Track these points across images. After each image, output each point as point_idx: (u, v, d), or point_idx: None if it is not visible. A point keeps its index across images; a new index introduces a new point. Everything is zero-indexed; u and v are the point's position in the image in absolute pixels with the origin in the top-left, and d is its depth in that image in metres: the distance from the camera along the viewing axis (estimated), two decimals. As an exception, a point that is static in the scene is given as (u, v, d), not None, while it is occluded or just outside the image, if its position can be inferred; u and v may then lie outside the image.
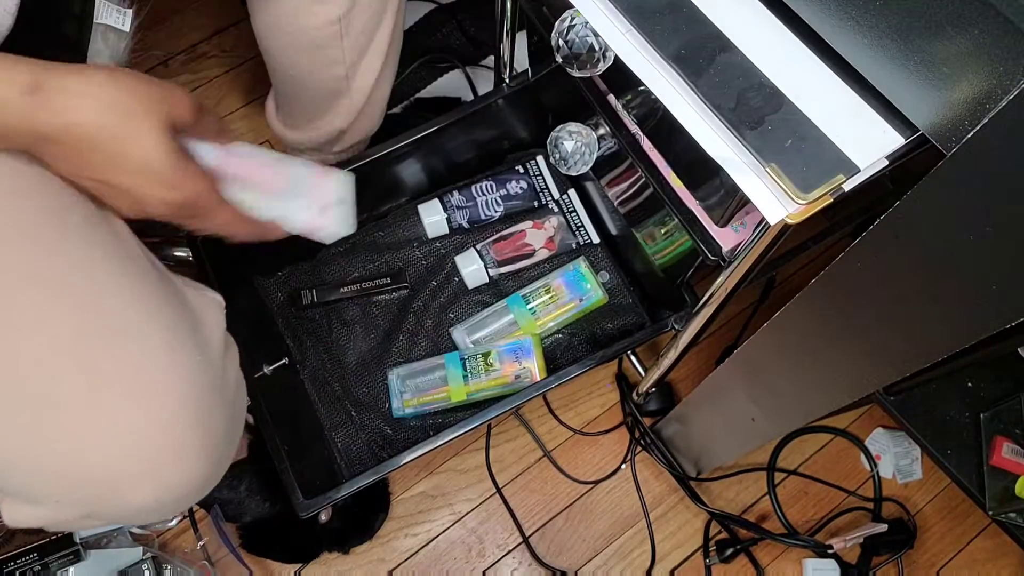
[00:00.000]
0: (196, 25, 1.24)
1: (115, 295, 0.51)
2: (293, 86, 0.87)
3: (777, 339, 0.62)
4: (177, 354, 0.52)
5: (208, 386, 0.53)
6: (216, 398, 0.54)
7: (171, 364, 0.51)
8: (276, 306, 0.98)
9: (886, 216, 0.43)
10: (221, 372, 0.57)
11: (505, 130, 1.03)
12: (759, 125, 0.50)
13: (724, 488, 1.02)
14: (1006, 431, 0.83)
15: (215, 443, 0.53)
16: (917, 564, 1.01)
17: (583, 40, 0.60)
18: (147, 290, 0.53)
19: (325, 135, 0.92)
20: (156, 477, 0.50)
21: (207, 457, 0.52)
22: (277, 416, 0.83)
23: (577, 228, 1.01)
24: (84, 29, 0.60)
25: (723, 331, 1.10)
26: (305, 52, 0.80)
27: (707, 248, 0.66)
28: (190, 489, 0.52)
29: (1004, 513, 0.81)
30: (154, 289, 0.54)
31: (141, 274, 0.54)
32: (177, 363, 0.51)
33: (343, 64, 0.82)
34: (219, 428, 0.54)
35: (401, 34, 0.88)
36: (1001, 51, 0.38)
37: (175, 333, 0.53)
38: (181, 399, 0.51)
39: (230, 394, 0.58)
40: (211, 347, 0.57)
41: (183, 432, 0.51)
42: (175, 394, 0.50)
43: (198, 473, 0.52)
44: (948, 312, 0.44)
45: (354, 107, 0.88)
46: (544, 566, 0.98)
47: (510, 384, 0.90)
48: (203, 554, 0.93)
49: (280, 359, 0.92)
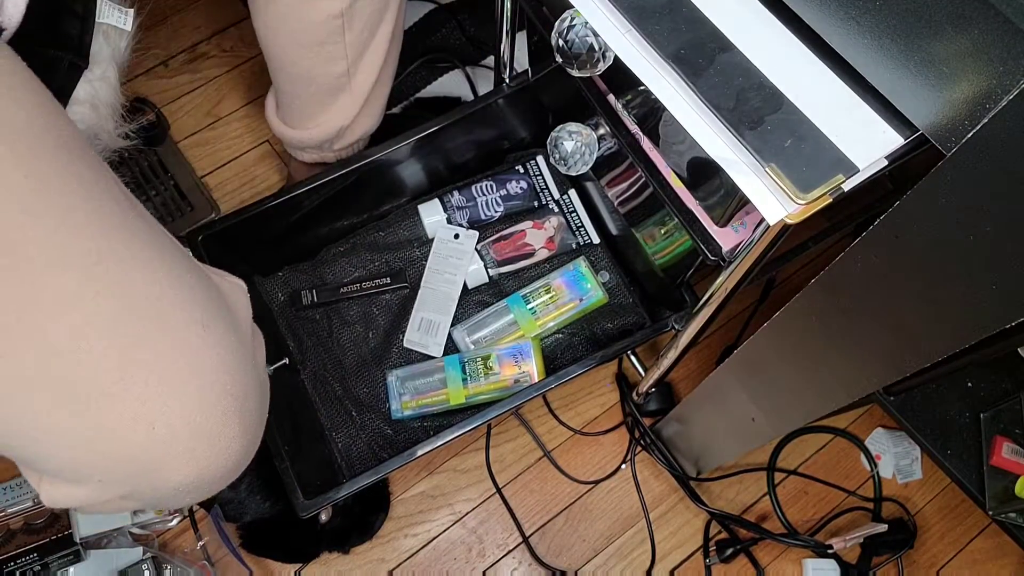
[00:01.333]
0: (196, 25, 1.24)
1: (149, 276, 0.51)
2: (294, 84, 0.87)
3: (777, 339, 0.62)
4: (211, 334, 0.52)
5: (242, 365, 0.54)
6: (249, 378, 0.55)
7: (206, 344, 0.51)
8: (276, 306, 0.98)
9: (886, 216, 0.43)
10: (252, 353, 0.57)
11: (505, 130, 1.03)
12: (758, 125, 0.50)
13: (724, 488, 1.02)
14: (1006, 431, 0.83)
15: (250, 420, 0.54)
16: (917, 564, 1.01)
17: (583, 40, 0.60)
18: (178, 271, 0.53)
19: (326, 133, 0.92)
20: (196, 455, 0.51)
21: (243, 434, 0.53)
22: (278, 416, 0.83)
23: (577, 228, 1.01)
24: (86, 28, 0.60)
25: (723, 331, 1.10)
26: (307, 48, 0.80)
27: (707, 248, 0.66)
28: (229, 466, 0.53)
29: (1004, 513, 0.81)
30: (185, 270, 0.54)
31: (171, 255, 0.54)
32: (212, 343, 0.52)
33: (345, 60, 0.82)
34: (252, 407, 0.54)
35: (402, 30, 0.88)
36: (1001, 51, 0.38)
37: (208, 313, 0.53)
38: (218, 378, 0.51)
39: (260, 374, 0.58)
40: (242, 329, 0.58)
41: (221, 410, 0.51)
42: (212, 373, 0.51)
43: (236, 451, 0.53)
44: (948, 312, 0.44)
45: (355, 104, 0.88)
46: (544, 566, 0.98)
47: (509, 388, 0.90)
48: (203, 554, 0.93)
49: (281, 359, 0.92)
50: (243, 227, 0.91)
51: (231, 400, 0.52)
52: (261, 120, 1.18)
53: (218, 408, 0.51)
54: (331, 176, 0.91)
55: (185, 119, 1.18)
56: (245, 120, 1.19)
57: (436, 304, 0.96)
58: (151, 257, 0.52)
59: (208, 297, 0.55)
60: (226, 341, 0.53)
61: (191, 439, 0.50)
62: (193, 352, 0.51)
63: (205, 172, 1.15)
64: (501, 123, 1.01)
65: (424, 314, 0.96)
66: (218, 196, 1.13)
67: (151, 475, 0.50)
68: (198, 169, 1.15)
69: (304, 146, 0.96)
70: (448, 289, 0.97)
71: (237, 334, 0.55)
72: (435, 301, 0.96)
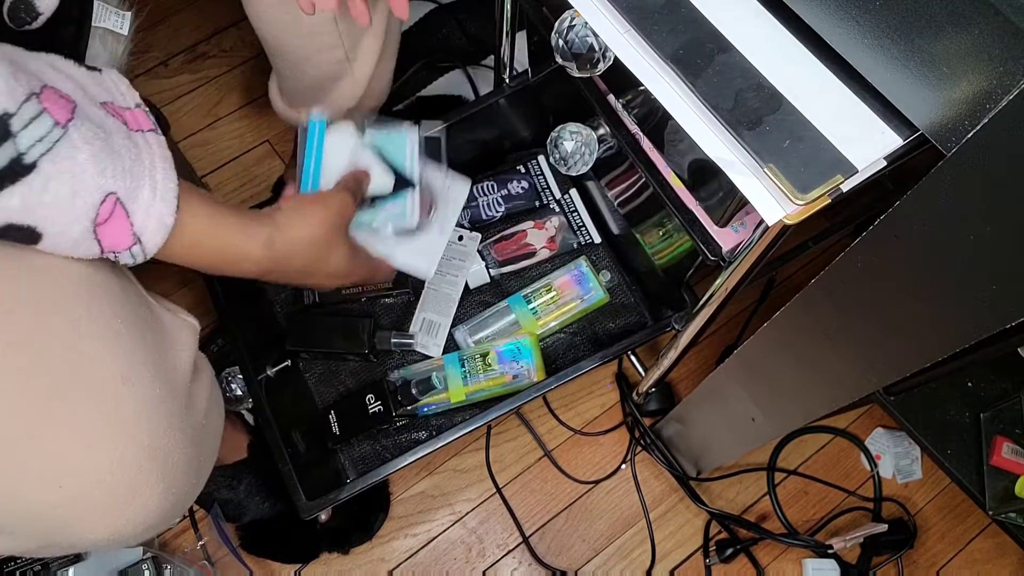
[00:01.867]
0: (196, 25, 1.24)
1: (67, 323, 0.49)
2: (294, 70, 0.86)
3: (777, 339, 0.62)
4: (133, 388, 0.50)
5: (167, 420, 0.52)
6: (175, 431, 0.53)
7: (126, 399, 0.50)
8: (279, 307, 0.98)
9: (886, 216, 0.43)
10: (184, 402, 0.56)
11: (506, 130, 1.03)
12: (757, 126, 0.50)
13: (724, 488, 1.02)
14: (1006, 431, 0.83)
15: (174, 476, 0.52)
16: (917, 564, 1.01)
17: (583, 40, 0.60)
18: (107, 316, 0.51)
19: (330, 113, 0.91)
20: (109, 514, 0.49)
21: (165, 491, 0.51)
22: (280, 418, 0.83)
23: (578, 228, 1.01)
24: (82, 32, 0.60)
25: (723, 331, 1.10)
26: (301, 38, 0.79)
27: (707, 248, 0.66)
28: (149, 523, 0.52)
29: (1004, 513, 0.81)
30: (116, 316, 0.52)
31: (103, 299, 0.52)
32: (132, 397, 0.50)
33: (341, 47, 0.81)
34: (179, 462, 0.53)
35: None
36: (1001, 51, 0.38)
37: (133, 364, 0.51)
38: (135, 436, 0.50)
39: (196, 422, 0.57)
40: (177, 374, 0.56)
41: (137, 470, 0.49)
42: (128, 431, 0.49)
43: (155, 508, 0.51)
44: (948, 312, 0.44)
45: (358, 86, 0.87)
46: (544, 566, 0.98)
47: (509, 384, 0.90)
48: (203, 554, 0.93)
49: (283, 361, 0.92)
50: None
51: (149, 459, 0.50)
52: (261, 120, 1.18)
53: (133, 466, 0.49)
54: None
55: (185, 119, 1.18)
56: (245, 120, 1.19)
57: (437, 305, 0.96)
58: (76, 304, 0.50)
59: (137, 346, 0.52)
60: (150, 394, 0.51)
61: (102, 498, 0.49)
62: (108, 407, 0.49)
63: (205, 172, 1.15)
64: (502, 123, 1.01)
65: (426, 315, 0.96)
66: (218, 196, 1.13)
67: (63, 531, 0.49)
68: (198, 169, 1.15)
69: None
70: (449, 290, 0.96)
71: (167, 385, 0.54)
72: (436, 302, 0.96)
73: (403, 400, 0.89)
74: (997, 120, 0.36)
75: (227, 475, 0.91)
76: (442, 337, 0.95)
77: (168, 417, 0.52)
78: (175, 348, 0.57)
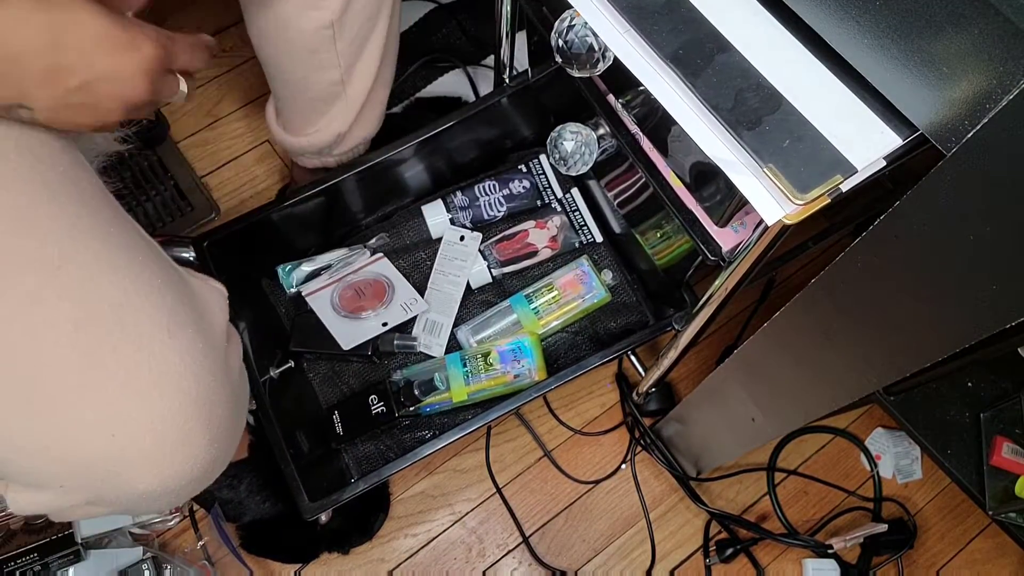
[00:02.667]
0: (196, 25, 1.24)
1: (114, 280, 0.50)
2: (290, 90, 0.87)
3: (777, 339, 0.62)
4: (177, 340, 0.52)
5: (210, 373, 0.53)
6: (218, 385, 0.54)
7: (171, 350, 0.51)
8: (283, 308, 0.98)
9: (886, 216, 0.43)
10: (223, 359, 0.57)
11: (508, 129, 1.03)
12: (757, 125, 0.50)
13: (724, 488, 1.02)
14: (1006, 431, 0.83)
15: (218, 429, 0.53)
16: (917, 564, 1.01)
17: (583, 40, 0.60)
18: (148, 275, 0.53)
19: (323, 140, 0.92)
20: (159, 463, 0.50)
21: (210, 443, 0.52)
22: (283, 419, 0.83)
23: (580, 227, 1.01)
24: None
25: (723, 331, 1.10)
26: (299, 56, 0.80)
27: (707, 248, 0.66)
28: (194, 475, 0.52)
29: (1004, 513, 0.81)
30: (155, 274, 0.53)
31: (142, 258, 0.53)
32: (178, 349, 0.51)
33: (338, 68, 0.82)
34: (222, 414, 0.54)
35: (397, 38, 0.88)
36: (1001, 51, 0.38)
37: (176, 319, 0.52)
38: (182, 385, 0.51)
39: (233, 381, 0.58)
40: (214, 334, 0.57)
41: (185, 418, 0.51)
42: (175, 380, 0.50)
43: (202, 459, 0.52)
44: (948, 312, 0.44)
45: (351, 110, 0.88)
46: (544, 566, 0.98)
47: (510, 384, 0.90)
48: (203, 554, 0.93)
49: (286, 362, 0.92)
50: (248, 232, 0.91)
51: (196, 408, 0.51)
52: (261, 120, 1.18)
53: (181, 416, 0.50)
54: (335, 179, 0.91)
55: (185, 119, 1.18)
56: (245, 120, 1.19)
57: (440, 305, 0.96)
58: (117, 262, 0.51)
59: (177, 302, 0.54)
60: (193, 348, 0.52)
61: (153, 447, 0.49)
62: (156, 359, 0.50)
63: (205, 172, 1.15)
64: (504, 123, 1.01)
65: (428, 315, 0.96)
66: (218, 196, 1.13)
67: (113, 482, 0.50)
68: (198, 169, 1.15)
69: (304, 152, 0.96)
70: (451, 290, 0.97)
71: (207, 340, 0.54)
72: (439, 302, 0.96)
73: (406, 401, 0.89)
74: (997, 120, 0.36)
75: (228, 475, 0.91)
76: (444, 337, 0.95)
77: (212, 370, 0.54)
78: (210, 309, 0.58)
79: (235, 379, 0.59)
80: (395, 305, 0.93)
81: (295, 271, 0.96)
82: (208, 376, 0.53)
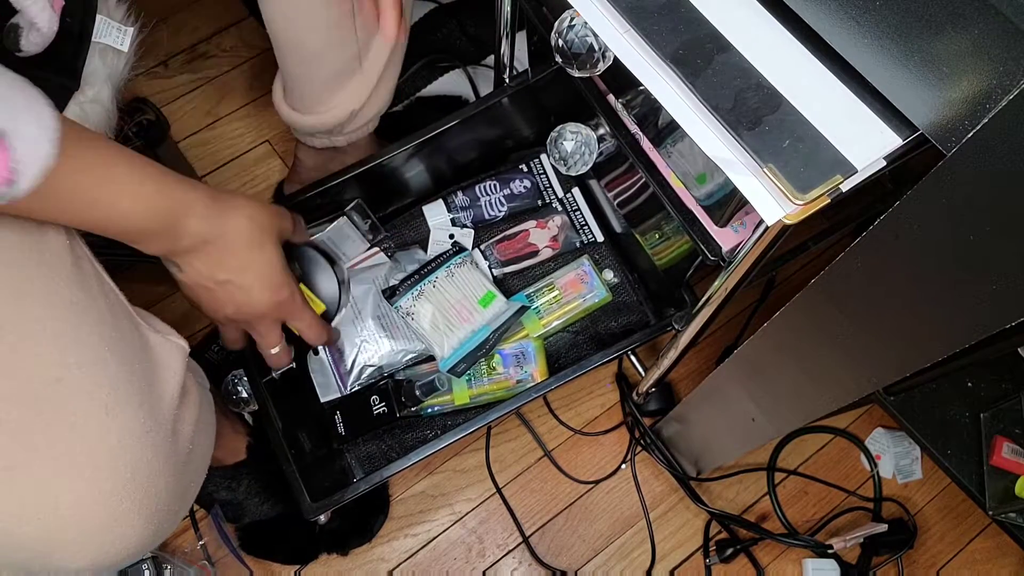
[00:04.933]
0: (196, 25, 1.24)
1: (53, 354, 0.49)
2: (306, 66, 0.85)
3: (777, 339, 0.62)
4: (116, 418, 0.50)
5: (151, 448, 0.52)
6: (159, 460, 0.53)
7: (109, 430, 0.50)
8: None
9: (886, 216, 0.43)
10: (170, 429, 0.55)
11: (508, 129, 1.03)
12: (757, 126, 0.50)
13: (724, 488, 1.02)
14: (1006, 431, 0.83)
15: (156, 505, 0.52)
16: (917, 564, 1.01)
17: (582, 40, 0.60)
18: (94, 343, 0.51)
19: (337, 117, 0.90)
20: (90, 544, 0.49)
21: (146, 521, 0.51)
22: (285, 420, 0.83)
23: (581, 227, 1.01)
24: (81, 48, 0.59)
25: (723, 331, 1.10)
26: (318, 31, 0.79)
27: (707, 248, 0.65)
28: (130, 552, 0.52)
29: (1004, 513, 0.81)
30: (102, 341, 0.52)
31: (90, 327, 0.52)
32: (115, 428, 0.50)
33: (356, 42, 0.81)
34: (163, 489, 0.53)
35: (411, 9, 0.86)
36: (1001, 51, 0.38)
37: (117, 394, 0.51)
38: (116, 466, 0.49)
39: (181, 448, 0.57)
40: (161, 405, 0.56)
41: (119, 499, 0.49)
42: (109, 461, 0.49)
43: (136, 537, 0.51)
44: (948, 312, 0.44)
45: (367, 86, 0.87)
46: (544, 566, 0.98)
47: (512, 388, 0.90)
48: (203, 554, 0.93)
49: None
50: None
51: (132, 488, 0.50)
52: (261, 120, 1.18)
53: (115, 497, 0.49)
54: (336, 180, 0.91)
55: (185, 119, 1.18)
56: (245, 120, 1.19)
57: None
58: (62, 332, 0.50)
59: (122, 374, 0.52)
60: (133, 424, 0.51)
61: (82, 531, 0.48)
62: (91, 438, 0.49)
63: (205, 172, 1.15)
64: (504, 123, 1.01)
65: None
66: (218, 196, 1.13)
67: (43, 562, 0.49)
68: (198, 169, 1.15)
69: (315, 131, 0.94)
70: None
71: (151, 413, 0.53)
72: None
73: (407, 401, 0.89)
74: (997, 120, 0.36)
75: (227, 476, 0.91)
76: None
77: (152, 448, 0.52)
78: (162, 374, 0.57)
79: (183, 447, 0.57)
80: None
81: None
82: (148, 453, 0.52)
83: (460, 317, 0.89)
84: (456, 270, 0.92)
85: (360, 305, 0.90)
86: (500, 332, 0.88)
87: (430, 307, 0.88)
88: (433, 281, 0.90)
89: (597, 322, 0.97)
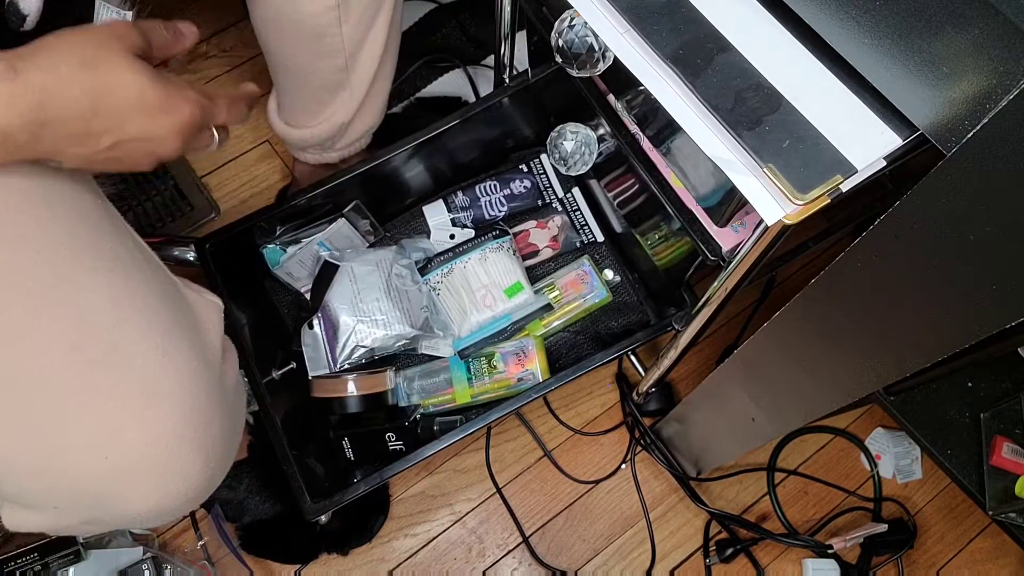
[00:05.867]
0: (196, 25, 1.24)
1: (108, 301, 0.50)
2: (294, 80, 0.87)
3: (777, 339, 0.62)
4: (173, 360, 0.51)
5: (205, 392, 0.53)
6: (213, 403, 0.54)
7: (166, 371, 0.51)
8: (285, 309, 0.98)
9: (886, 216, 0.43)
10: (219, 376, 0.56)
11: (509, 129, 1.03)
12: (757, 126, 0.50)
13: (724, 488, 1.02)
14: (1006, 431, 0.83)
15: (213, 449, 0.53)
16: (917, 564, 1.01)
17: (582, 40, 0.60)
18: (144, 292, 0.52)
19: (327, 131, 0.91)
20: (154, 484, 0.50)
21: (205, 463, 0.52)
22: (286, 420, 0.83)
23: (581, 226, 1.01)
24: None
25: (723, 331, 1.10)
26: (305, 42, 0.80)
27: (707, 248, 0.66)
28: (189, 495, 0.52)
29: (1004, 513, 0.81)
30: (151, 292, 0.53)
31: (138, 275, 0.53)
32: (172, 370, 0.51)
33: (343, 53, 0.82)
34: (217, 433, 0.54)
35: (400, 23, 0.87)
36: (1001, 51, 0.38)
37: (171, 338, 0.52)
38: (177, 407, 0.50)
39: (228, 398, 0.58)
40: (209, 351, 0.57)
41: (179, 439, 0.50)
42: (170, 402, 0.50)
43: (197, 479, 0.52)
44: (948, 312, 0.44)
45: (356, 99, 0.88)
46: (544, 566, 0.98)
47: (514, 386, 0.90)
48: (203, 554, 0.93)
49: (289, 362, 0.92)
50: (250, 233, 0.91)
51: (191, 429, 0.51)
52: (261, 120, 1.18)
53: (176, 437, 0.50)
54: (336, 181, 0.91)
55: (185, 119, 1.18)
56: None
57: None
58: (114, 281, 0.51)
59: (172, 321, 0.53)
60: (188, 368, 0.52)
61: (147, 469, 0.49)
62: (151, 379, 0.50)
63: (205, 172, 1.15)
64: (504, 123, 1.01)
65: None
66: (218, 196, 1.13)
67: (108, 503, 0.50)
68: (198, 169, 1.15)
69: (306, 145, 0.95)
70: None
71: (202, 359, 0.54)
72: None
73: (423, 436, 0.89)
74: (997, 120, 0.36)
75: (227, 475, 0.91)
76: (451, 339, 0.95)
77: (207, 389, 0.53)
78: (205, 325, 0.58)
79: (230, 396, 0.58)
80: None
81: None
82: (203, 395, 0.53)
83: (484, 302, 0.89)
84: (491, 254, 0.92)
85: (361, 285, 0.89)
86: (519, 324, 0.88)
87: (456, 286, 0.89)
88: (465, 262, 0.90)
89: (597, 322, 0.97)
